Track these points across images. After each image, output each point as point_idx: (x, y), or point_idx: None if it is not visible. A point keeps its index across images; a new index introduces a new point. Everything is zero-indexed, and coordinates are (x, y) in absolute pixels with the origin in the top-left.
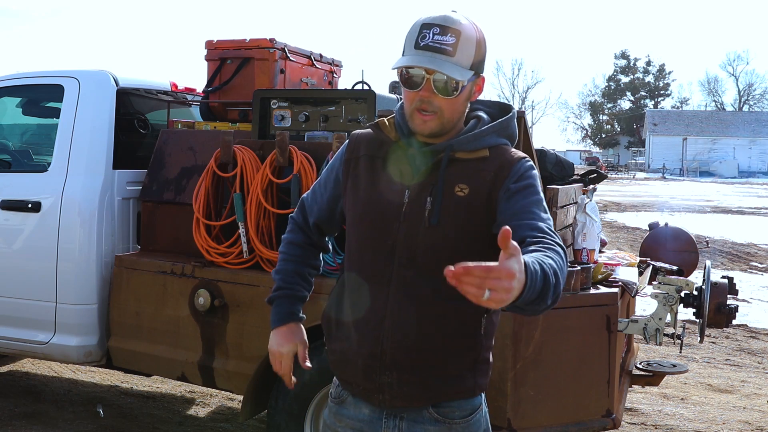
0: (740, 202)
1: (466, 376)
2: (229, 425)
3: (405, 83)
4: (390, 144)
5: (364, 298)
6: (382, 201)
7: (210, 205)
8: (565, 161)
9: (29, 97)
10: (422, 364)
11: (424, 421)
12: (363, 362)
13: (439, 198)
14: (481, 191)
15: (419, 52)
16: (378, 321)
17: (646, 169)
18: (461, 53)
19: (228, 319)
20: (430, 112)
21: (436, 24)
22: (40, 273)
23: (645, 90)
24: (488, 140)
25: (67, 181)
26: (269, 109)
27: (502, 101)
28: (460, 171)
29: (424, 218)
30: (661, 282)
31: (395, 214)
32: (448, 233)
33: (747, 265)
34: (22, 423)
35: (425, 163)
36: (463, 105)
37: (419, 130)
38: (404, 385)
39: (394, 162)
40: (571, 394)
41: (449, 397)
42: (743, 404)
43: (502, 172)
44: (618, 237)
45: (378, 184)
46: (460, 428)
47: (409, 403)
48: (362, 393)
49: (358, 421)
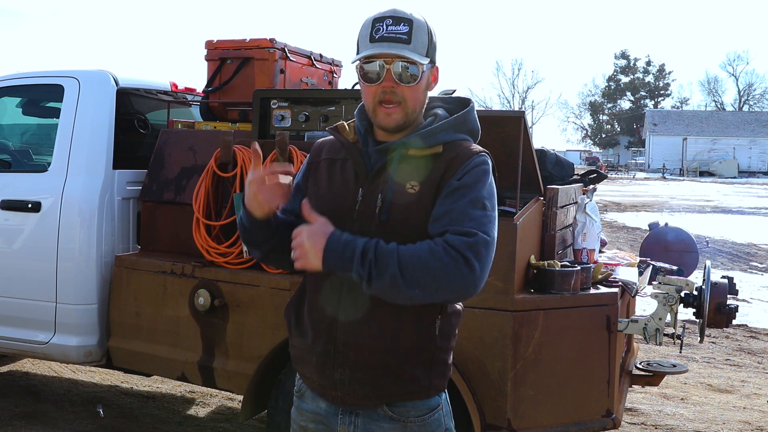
0: (740, 202)
1: (421, 377)
2: (229, 425)
3: (365, 78)
4: (348, 146)
5: (319, 296)
6: (337, 201)
7: (210, 205)
8: (565, 161)
9: (29, 97)
10: (375, 363)
11: (379, 418)
12: (317, 359)
13: (389, 195)
14: (431, 188)
15: (376, 44)
16: (331, 319)
17: (646, 169)
18: (416, 41)
19: (228, 319)
20: (393, 103)
21: (387, 16)
22: (40, 273)
23: (645, 90)
24: (443, 136)
25: (67, 181)
26: (269, 109)
27: (463, 96)
28: (413, 168)
29: (375, 215)
30: (661, 282)
31: (349, 212)
32: (397, 230)
33: (747, 265)
34: (22, 423)
35: (379, 161)
36: (423, 94)
37: (384, 124)
38: (356, 383)
39: (350, 163)
40: (571, 394)
41: (402, 398)
42: (743, 404)
43: (450, 168)
44: (618, 237)
45: (334, 185)
46: (415, 427)
47: (361, 401)
48: (318, 388)
49: (317, 414)
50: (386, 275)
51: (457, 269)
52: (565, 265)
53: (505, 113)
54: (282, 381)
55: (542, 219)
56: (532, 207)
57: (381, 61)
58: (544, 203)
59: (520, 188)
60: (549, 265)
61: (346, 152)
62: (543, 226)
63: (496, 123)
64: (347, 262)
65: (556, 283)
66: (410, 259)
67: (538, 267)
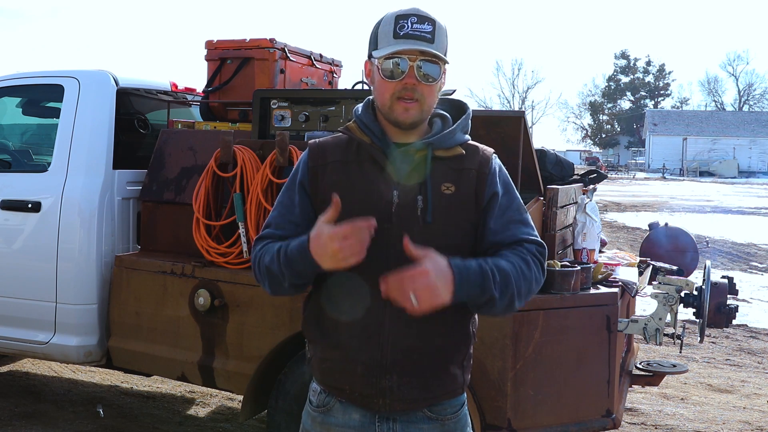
0: (740, 202)
1: (458, 375)
2: (229, 425)
3: (385, 73)
4: (366, 147)
5: (359, 302)
6: (368, 204)
7: (210, 205)
8: (565, 161)
9: (29, 97)
10: (423, 366)
11: (418, 420)
12: (362, 368)
13: (430, 196)
14: (468, 190)
15: (401, 40)
16: (377, 325)
17: (646, 169)
18: (438, 41)
19: (228, 319)
20: (413, 100)
21: (411, 14)
22: (40, 273)
23: (645, 90)
24: (458, 138)
25: (67, 181)
26: (269, 109)
27: (453, 98)
28: (443, 170)
29: (418, 217)
30: (661, 282)
31: (385, 215)
32: (441, 231)
33: (747, 265)
34: (22, 423)
35: (408, 162)
36: (437, 96)
37: (402, 119)
38: (405, 388)
39: (375, 164)
40: (571, 394)
41: (443, 398)
42: (743, 404)
43: (482, 170)
44: (618, 237)
45: (359, 188)
46: (451, 424)
47: (409, 405)
48: (359, 399)
49: (349, 427)
50: (508, 293)
51: (541, 276)
52: (565, 265)
53: (505, 113)
54: (282, 381)
55: (542, 219)
56: (532, 207)
57: (405, 58)
58: (544, 203)
59: (520, 188)
60: (549, 265)
61: (363, 153)
62: (543, 226)
63: (496, 123)
64: (477, 288)
65: (556, 283)
66: (519, 274)
67: None
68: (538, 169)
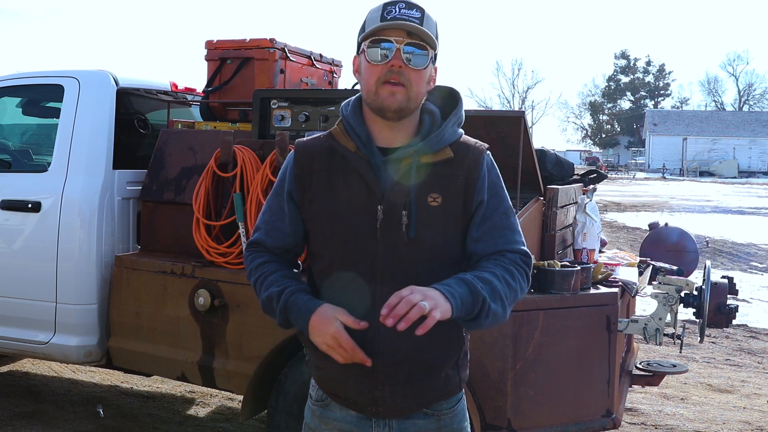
0: (740, 202)
1: (453, 375)
2: (229, 425)
3: (372, 56)
4: (349, 155)
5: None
6: (353, 218)
7: (210, 205)
8: (565, 161)
9: (29, 97)
10: (415, 376)
11: (414, 416)
12: (355, 380)
13: (414, 210)
14: (456, 199)
15: (388, 23)
16: (368, 340)
17: (646, 169)
18: (427, 27)
19: (228, 319)
20: (399, 84)
21: (399, 0)
22: (40, 273)
23: (645, 90)
24: (448, 137)
25: (67, 181)
26: (269, 109)
27: (444, 85)
28: (430, 178)
29: (402, 232)
30: (661, 282)
31: (370, 230)
32: (428, 245)
33: (747, 265)
34: (22, 423)
35: (393, 172)
36: (425, 87)
37: (387, 104)
38: (398, 398)
39: (354, 175)
40: (571, 394)
41: (438, 399)
42: (743, 404)
43: (471, 176)
44: (618, 237)
45: (343, 200)
46: (447, 419)
47: (403, 412)
48: (353, 405)
49: (346, 423)
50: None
51: (526, 284)
52: (565, 265)
53: (505, 113)
54: (282, 381)
55: (542, 219)
56: (532, 207)
57: (392, 40)
58: (544, 203)
59: (520, 188)
60: (549, 265)
61: (348, 163)
62: (543, 226)
63: (496, 123)
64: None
65: (556, 283)
66: (505, 287)
67: (538, 267)
68: (538, 169)
